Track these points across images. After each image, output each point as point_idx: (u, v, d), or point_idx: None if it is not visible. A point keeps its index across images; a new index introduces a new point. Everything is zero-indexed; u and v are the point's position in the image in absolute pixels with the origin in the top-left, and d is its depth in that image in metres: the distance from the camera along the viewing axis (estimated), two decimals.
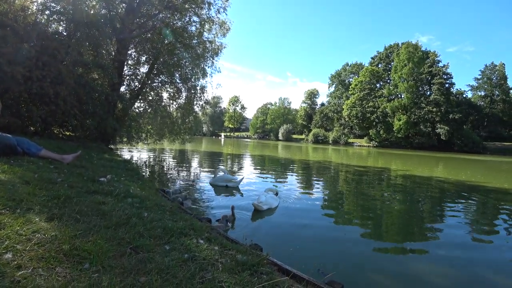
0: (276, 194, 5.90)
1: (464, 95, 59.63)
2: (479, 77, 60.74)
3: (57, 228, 1.75)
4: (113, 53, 11.20)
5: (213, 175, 7.54)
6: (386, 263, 3.36)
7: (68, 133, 9.03)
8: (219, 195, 6.16)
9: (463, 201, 7.35)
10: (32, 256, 1.38)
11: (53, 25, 9.38)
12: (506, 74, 57.39)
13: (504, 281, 3.10)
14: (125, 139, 12.35)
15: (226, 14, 13.04)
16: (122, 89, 11.90)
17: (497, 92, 57.62)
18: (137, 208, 2.62)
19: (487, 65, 60.11)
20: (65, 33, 9.30)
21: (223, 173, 7.29)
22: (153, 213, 2.55)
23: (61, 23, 9.47)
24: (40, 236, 1.59)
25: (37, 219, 1.81)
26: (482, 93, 60.22)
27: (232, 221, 4.18)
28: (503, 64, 57.74)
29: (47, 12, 8.90)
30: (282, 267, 2.20)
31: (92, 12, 9.63)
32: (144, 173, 7.70)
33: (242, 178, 7.22)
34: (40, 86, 6.95)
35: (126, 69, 12.01)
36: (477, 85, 60.98)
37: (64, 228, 1.76)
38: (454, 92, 55.47)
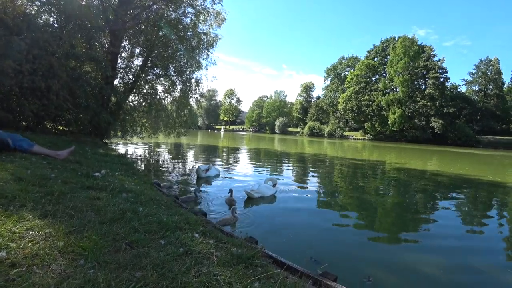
0: (275, 185, 5.99)
1: (459, 89, 60.08)
2: (473, 71, 61.17)
3: (51, 224, 1.75)
4: (106, 45, 11.02)
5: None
6: (379, 254, 3.42)
7: (61, 128, 8.93)
8: (204, 186, 6.27)
9: (456, 193, 7.48)
10: (26, 253, 1.38)
11: (43, 17, 9.16)
12: (500, 69, 57.86)
13: (494, 271, 3.18)
14: (119, 133, 12.27)
15: (221, 5, 12.87)
16: (116, 82, 11.75)
17: (491, 87, 58.06)
18: (132, 203, 2.62)
19: (482, 59, 60.45)
20: (56, 25, 9.10)
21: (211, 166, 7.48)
22: (148, 208, 2.55)
23: (52, 14, 9.25)
24: (34, 234, 1.59)
25: (30, 216, 1.80)
26: (476, 88, 60.65)
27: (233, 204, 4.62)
28: (498, 59, 58.09)
29: (37, 2, 8.68)
30: (277, 259, 2.22)
31: (83, 3, 9.43)
32: (139, 168, 7.68)
33: (208, 168, 7.24)
34: (32, 80, 6.83)
35: (119, 62, 11.84)
36: (471, 79, 61.41)
37: (58, 225, 1.75)
38: (448, 86, 55.80)
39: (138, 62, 12.48)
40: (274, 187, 5.89)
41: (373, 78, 61.40)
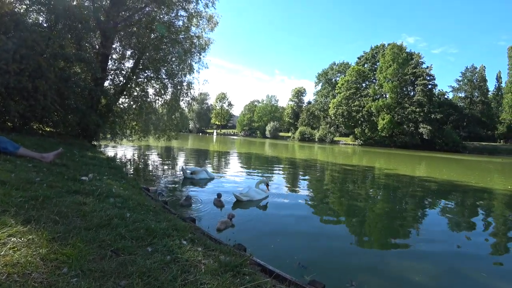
0: (267, 185, 6.08)
1: (446, 96, 61.66)
2: (460, 78, 62.93)
3: (34, 231, 1.70)
4: (96, 46, 10.88)
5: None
6: (367, 261, 3.45)
7: (48, 129, 8.73)
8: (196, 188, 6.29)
9: (443, 199, 7.63)
10: (6, 261, 1.34)
11: (32, 16, 9.01)
12: (486, 76, 59.71)
13: (479, 276, 3.24)
14: (108, 136, 12.09)
15: (214, 8, 12.91)
16: (106, 84, 11.59)
17: (476, 94, 59.81)
18: (120, 208, 2.58)
19: (468, 67, 62.28)
20: (45, 25, 8.96)
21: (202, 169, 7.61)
22: (136, 214, 2.51)
23: (42, 13, 9.10)
24: (15, 240, 1.54)
25: (13, 221, 1.75)
26: (463, 95, 62.39)
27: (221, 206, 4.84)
28: (484, 66, 59.91)
29: (26, 1, 8.53)
30: (265, 267, 2.22)
31: (74, 3, 9.32)
32: (128, 171, 7.56)
33: (195, 171, 7.40)
34: (18, 80, 6.68)
35: (110, 64, 11.70)
36: (458, 86, 63.14)
37: (41, 231, 1.71)
38: (436, 93, 57.24)
39: (129, 64, 12.36)
40: (267, 188, 5.98)
41: (363, 84, 62.46)
